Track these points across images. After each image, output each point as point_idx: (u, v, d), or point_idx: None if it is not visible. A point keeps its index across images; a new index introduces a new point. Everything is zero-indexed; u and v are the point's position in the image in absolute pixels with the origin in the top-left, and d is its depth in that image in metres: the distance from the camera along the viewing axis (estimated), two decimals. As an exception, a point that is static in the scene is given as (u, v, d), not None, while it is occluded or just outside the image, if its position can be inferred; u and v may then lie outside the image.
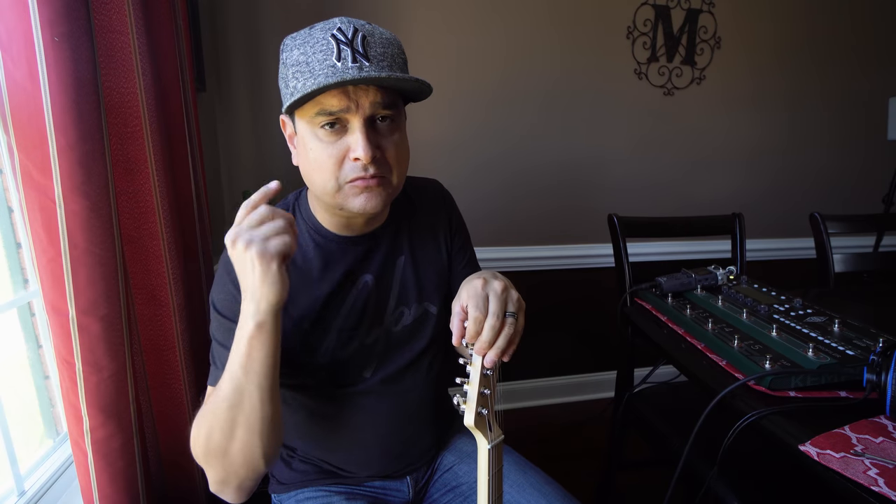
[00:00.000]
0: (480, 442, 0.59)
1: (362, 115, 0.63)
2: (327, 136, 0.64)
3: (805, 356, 0.78)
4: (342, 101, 0.62)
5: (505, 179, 1.88)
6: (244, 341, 0.57)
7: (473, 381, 0.57)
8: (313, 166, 0.66)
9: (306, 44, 0.64)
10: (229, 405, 0.59)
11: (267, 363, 0.58)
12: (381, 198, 0.67)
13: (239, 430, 0.59)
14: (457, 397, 0.57)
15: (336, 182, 0.65)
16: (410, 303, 0.80)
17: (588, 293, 2.02)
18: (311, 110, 0.63)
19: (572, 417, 2.04)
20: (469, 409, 0.56)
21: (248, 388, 0.58)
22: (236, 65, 1.62)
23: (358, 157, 0.63)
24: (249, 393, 0.58)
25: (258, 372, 0.58)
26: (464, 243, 0.90)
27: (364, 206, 0.66)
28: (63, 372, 0.71)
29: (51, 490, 0.85)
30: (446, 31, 1.71)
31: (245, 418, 0.59)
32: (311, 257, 0.75)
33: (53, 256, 0.67)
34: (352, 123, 0.64)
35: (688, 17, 1.88)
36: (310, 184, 0.70)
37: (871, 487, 0.57)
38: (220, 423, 0.60)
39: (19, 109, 0.64)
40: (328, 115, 0.63)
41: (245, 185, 1.68)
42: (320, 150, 0.65)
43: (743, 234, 1.43)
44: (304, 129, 0.66)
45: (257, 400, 0.59)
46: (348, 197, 0.66)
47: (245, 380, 0.58)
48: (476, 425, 0.56)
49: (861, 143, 2.16)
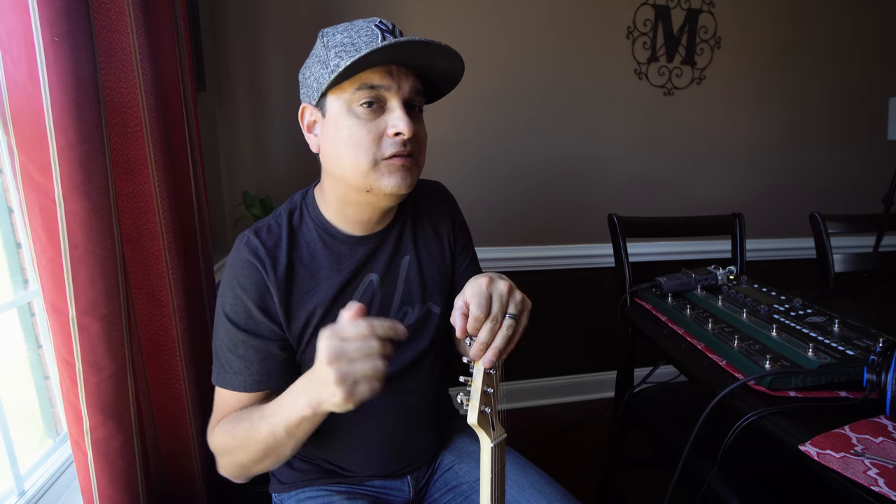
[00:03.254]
0: (483, 440, 0.59)
1: (401, 96, 0.66)
2: (366, 114, 0.66)
3: (805, 356, 0.78)
4: (385, 78, 0.65)
5: (505, 179, 1.88)
6: (296, 416, 0.60)
7: (476, 380, 0.57)
8: (348, 144, 0.67)
9: (350, 29, 0.67)
10: (265, 447, 0.65)
11: (308, 432, 0.64)
12: (412, 178, 0.70)
13: (268, 461, 0.68)
14: (460, 395, 0.57)
15: (372, 158, 0.66)
16: (414, 302, 0.81)
17: (588, 293, 2.02)
18: (350, 86, 0.65)
19: (572, 417, 2.04)
20: (472, 408, 0.56)
21: (287, 445, 0.65)
22: (236, 65, 1.62)
23: (399, 132, 0.65)
24: (286, 447, 0.66)
25: (300, 438, 0.64)
26: (466, 244, 0.90)
27: (399, 184, 0.68)
28: (63, 372, 0.71)
29: (51, 490, 0.85)
30: (448, 29, 1.71)
31: (276, 457, 0.67)
32: (319, 256, 0.75)
33: (53, 256, 0.67)
34: (391, 102, 0.66)
35: (688, 17, 1.88)
36: (337, 165, 0.70)
37: (871, 487, 0.57)
38: (250, 453, 0.67)
39: (19, 109, 0.64)
40: (370, 90, 0.65)
41: (245, 185, 1.68)
42: (358, 126, 0.66)
43: (743, 234, 1.43)
44: (338, 108, 0.67)
45: (290, 448, 0.66)
46: (383, 175, 0.67)
47: (286, 438, 0.64)
48: (479, 423, 0.56)
49: (861, 143, 2.16)
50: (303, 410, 0.59)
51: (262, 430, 0.64)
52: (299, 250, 0.75)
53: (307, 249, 0.75)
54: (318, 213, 0.77)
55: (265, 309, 0.71)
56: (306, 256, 0.75)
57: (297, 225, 0.76)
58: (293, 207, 0.78)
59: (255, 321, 0.71)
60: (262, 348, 0.71)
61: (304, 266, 0.74)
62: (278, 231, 0.75)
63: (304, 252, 0.75)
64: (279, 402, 0.64)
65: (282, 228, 0.75)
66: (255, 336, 0.71)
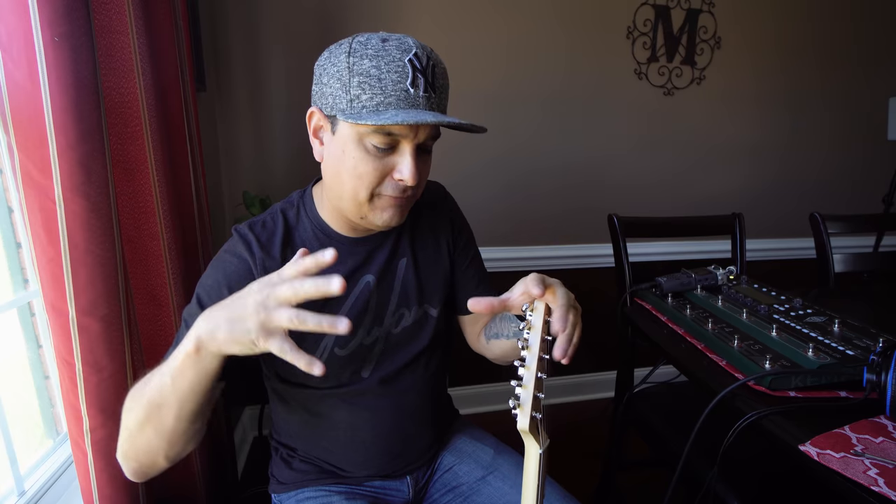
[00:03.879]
0: (531, 447, 0.56)
1: (415, 143, 0.65)
2: (376, 152, 0.65)
3: (805, 356, 0.78)
4: (403, 129, 0.63)
5: (504, 179, 1.88)
6: (180, 357, 0.53)
7: (528, 384, 0.54)
8: (351, 174, 0.66)
9: (379, 57, 0.61)
10: (148, 401, 0.57)
11: (192, 387, 0.55)
12: (405, 213, 0.71)
13: (148, 427, 0.58)
14: (511, 400, 0.54)
15: (370, 193, 0.67)
16: (411, 304, 0.81)
17: (588, 293, 2.01)
18: (370, 126, 0.62)
19: (572, 417, 2.04)
20: (523, 413, 0.53)
21: (168, 399, 0.56)
22: (236, 65, 1.62)
23: (403, 180, 0.65)
24: (169, 403, 0.56)
25: (181, 390, 0.55)
26: (467, 243, 0.90)
27: (390, 221, 0.69)
28: (63, 372, 0.71)
29: (51, 490, 0.85)
30: (449, 29, 1.71)
31: (158, 422, 0.57)
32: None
33: (53, 256, 0.67)
34: (402, 146, 0.65)
35: (688, 17, 1.88)
36: (336, 186, 0.69)
37: (871, 487, 0.57)
38: (137, 411, 0.58)
39: (19, 109, 0.64)
40: (387, 136, 0.63)
41: (245, 185, 1.68)
42: (365, 161, 0.65)
43: (743, 234, 1.43)
44: (349, 134, 0.64)
45: (174, 412, 0.56)
46: (376, 210, 0.68)
47: (170, 387, 0.55)
48: (529, 430, 0.53)
49: (861, 143, 2.16)
50: (185, 347, 0.52)
51: (151, 382, 0.57)
52: (294, 248, 0.75)
53: (302, 248, 0.75)
54: (316, 213, 0.77)
55: None
56: None
57: (294, 223, 0.76)
58: (290, 205, 0.78)
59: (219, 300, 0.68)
60: None
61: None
62: (273, 227, 0.75)
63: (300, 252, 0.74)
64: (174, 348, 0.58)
65: (277, 225, 0.75)
66: None
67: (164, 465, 0.61)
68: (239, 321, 0.50)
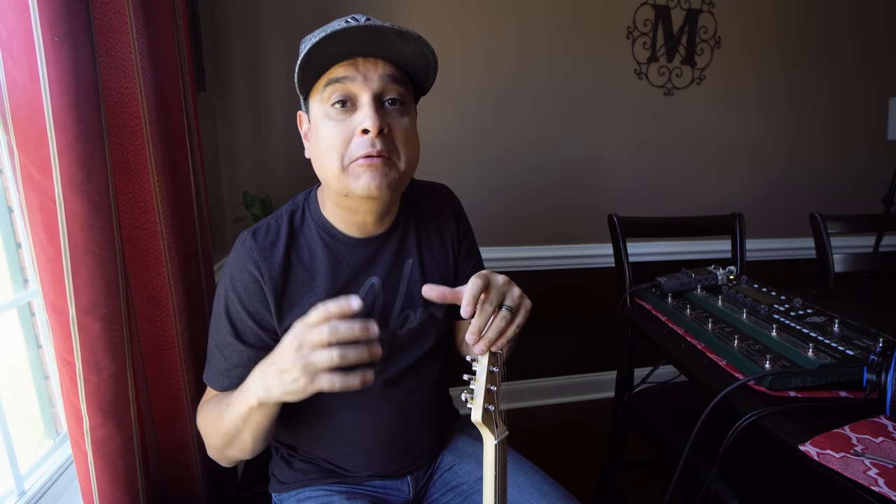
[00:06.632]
0: (487, 438, 0.59)
1: (371, 90, 0.65)
2: (338, 115, 0.65)
3: (805, 356, 0.78)
4: (348, 69, 0.64)
5: (505, 179, 1.88)
6: (245, 408, 0.62)
7: (480, 378, 0.58)
8: (322, 147, 0.66)
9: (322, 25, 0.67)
10: (226, 433, 0.68)
11: (262, 425, 0.66)
12: (387, 179, 0.66)
13: (233, 448, 0.70)
14: (464, 393, 0.58)
15: (341, 161, 0.65)
16: (416, 307, 0.80)
17: (588, 293, 2.02)
18: (320, 85, 0.65)
19: (572, 417, 2.04)
20: (476, 406, 0.57)
21: (244, 433, 0.67)
22: (236, 65, 1.62)
23: (366, 129, 0.63)
24: (244, 437, 0.67)
25: (254, 428, 0.65)
26: (470, 248, 0.90)
27: (368, 185, 0.65)
28: (63, 372, 0.71)
29: (51, 490, 0.85)
30: (453, 29, 1.71)
31: (238, 445, 0.69)
32: (319, 257, 0.75)
33: (53, 256, 0.67)
34: (361, 99, 0.65)
35: (688, 17, 1.88)
36: (320, 171, 0.70)
37: (871, 487, 0.57)
38: (218, 438, 0.70)
39: (19, 109, 0.64)
40: (336, 84, 0.64)
41: (245, 185, 1.68)
42: (330, 128, 0.65)
43: (743, 234, 1.43)
44: (318, 112, 0.67)
45: (250, 440, 0.68)
46: (352, 178, 0.66)
47: (243, 426, 0.65)
48: (483, 421, 0.57)
49: (861, 143, 2.16)
50: (249, 402, 0.61)
51: (224, 418, 0.67)
52: (299, 250, 0.75)
53: (307, 250, 0.75)
54: (320, 214, 0.77)
55: (256, 316, 0.72)
56: (306, 257, 0.74)
57: (299, 225, 0.76)
58: (295, 207, 0.78)
59: (243, 324, 0.72)
60: (245, 353, 0.72)
61: (304, 266, 0.74)
62: (276, 230, 0.75)
63: (304, 252, 0.75)
64: (239, 392, 0.65)
65: (281, 228, 0.75)
66: (241, 341, 0.72)
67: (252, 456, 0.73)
68: (286, 373, 0.56)
